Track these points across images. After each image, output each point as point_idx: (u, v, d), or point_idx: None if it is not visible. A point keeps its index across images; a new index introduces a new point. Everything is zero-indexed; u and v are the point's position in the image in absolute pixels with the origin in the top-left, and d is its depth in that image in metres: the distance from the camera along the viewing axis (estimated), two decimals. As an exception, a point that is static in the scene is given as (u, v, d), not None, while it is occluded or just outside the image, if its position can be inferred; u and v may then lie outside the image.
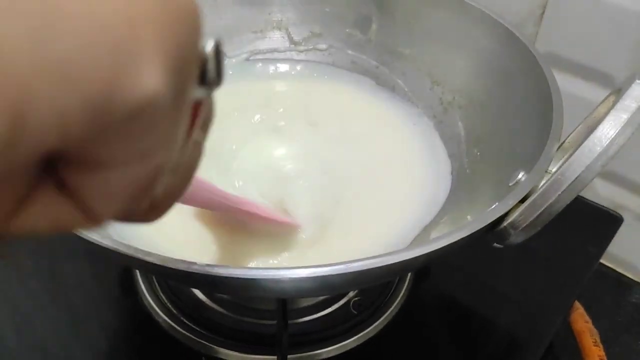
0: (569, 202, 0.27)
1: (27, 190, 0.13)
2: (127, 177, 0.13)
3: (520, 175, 0.32)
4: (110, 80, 0.11)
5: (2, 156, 0.11)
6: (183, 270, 0.24)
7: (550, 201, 0.27)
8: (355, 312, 0.40)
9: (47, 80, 0.11)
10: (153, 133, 0.13)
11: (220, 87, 0.15)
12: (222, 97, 0.18)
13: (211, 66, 0.15)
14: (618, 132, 0.27)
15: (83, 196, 0.13)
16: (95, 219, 0.14)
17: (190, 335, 0.38)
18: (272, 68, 0.49)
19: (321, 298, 0.40)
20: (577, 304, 0.45)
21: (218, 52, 0.15)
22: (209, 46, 0.14)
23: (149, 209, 0.16)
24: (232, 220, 0.36)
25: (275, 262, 0.35)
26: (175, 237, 0.36)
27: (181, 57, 0.13)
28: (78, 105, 0.11)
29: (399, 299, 0.41)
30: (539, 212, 0.27)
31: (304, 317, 0.40)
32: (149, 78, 0.12)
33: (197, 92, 0.15)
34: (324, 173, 0.41)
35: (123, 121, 0.12)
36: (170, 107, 0.13)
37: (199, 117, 0.16)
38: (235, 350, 0.38)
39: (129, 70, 0.11)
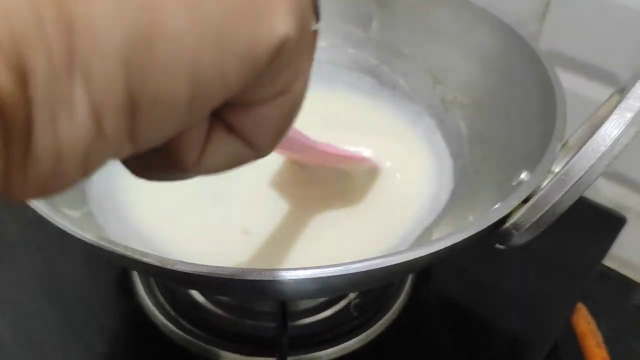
0: (572, 202, 0.27)
1: (206, 135, 0.16)
2: (276, 110, 0.16)
3: (523, 175, 0.31)
4: (252, 34, 0.13)
5: (187, 114, 0.13)
6: (181, 272, 0.24)
7: (554, 201, 0.27)
8: (356, 314, 0.40)
9: (208, 47, 0.12)
10: (289, 69, 0.15)
11: (320, 21, 0.17)
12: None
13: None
14: (622, 131, 0.26)
15: (246, 132, 0.16)
16: (258, 149, 0.17)
17: (189, 338, 0.38)
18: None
19: (321, 300, 0.40)
20: (580, 305, 0.44)
21: None
22: None
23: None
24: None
25: (271, 262, 0.35)
26: (174, 238, 0.36)
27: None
28: (234, 62, 0.13)
29: (399, 300, 0.41)
30: (542, 212, 0.27)
31: (303, 319, 0.39)
32: (280, 24, 0.14)
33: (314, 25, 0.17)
34: (322, 172, 0.40)
35: (265, 65, 0.14)
36: (299, 44, 0.15)
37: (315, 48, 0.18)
38: (235, 353, 0.37)
39: (263, 21, 0.13)
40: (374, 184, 0.40)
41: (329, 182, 0.40)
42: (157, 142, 0.14)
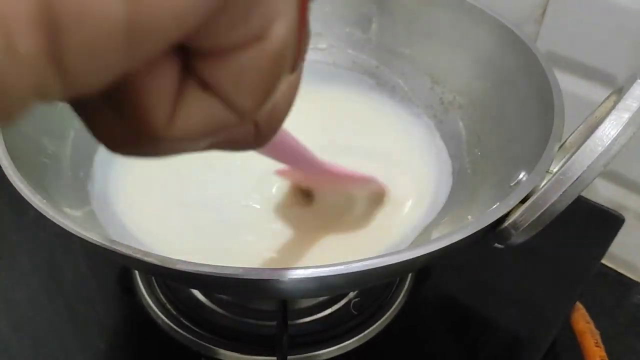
0: (570, 202, 0.27)
1: (176, 88, 0.14)
2: (253, 59, 0.14)
3: (521, 175, 0.31)
4: None
5: (129, 46, 0.11)
6: (182, 271, 0.24)
7: (552, 201, 0.27)
8: (356, 313, 0.40)
9: None
10: (261, 6, 0.13)
11: None
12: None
13: None
14: (619, 131, 0.26)
15: (222, 88, 0.14)
16: (239, 110, 0.15)
17: (190, 336, 0.38)
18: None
19: (321, 299, 0.40)
20: (579, 305, 0.44)
21: None
22: None
23: (256, 134, 0.16)
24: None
25: (271, 262, 0.35)
26: (174, 237, 0.36)
27: None
28: None
29: (399, 299, 0.41)
30: (541, 212, 0.27)
31: (304, 318, 0.39)
32: None
33: None
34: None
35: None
36: None
37: (305, 20, 0.15)
38: (235, 351, 0.37)
39: None
40: (378, 207, 0.39)
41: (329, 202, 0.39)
42: (96, 80, 0.12)
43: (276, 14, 0.13)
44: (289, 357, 0.36)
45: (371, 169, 0.41)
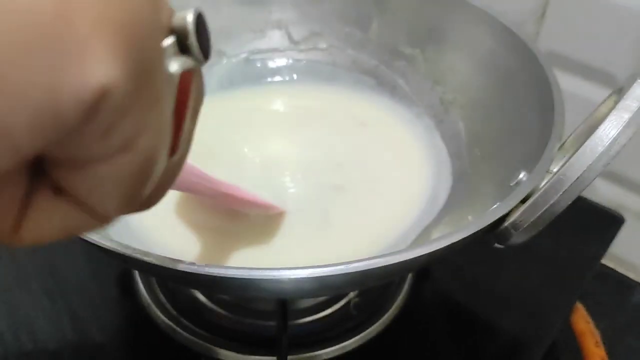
0: (570, 202, 0.27)
1: (22, 198, 0.13)
2: (117, 170, 0.13)
3: (521, 175, 0.31)
4: (52, 81, 0.10)
5: None
6: (182, 271, 0.24)
7: (552, 201, 0.27)
8: (355, 313, 0.40)
9: None
10: (125, 122, 0.12)
11: (206, 61, 0.14)
12: (220, 97, 0.18)
13: (192, 40, 0.14)
14: (620, 131, 0.26)
15: (80, 195, 0.13)
16: (101, 217, 0.14)
17: (190, 337, 0.38)
18: (271, 67, 0.49)
19: (321, 299, 0.40)
20: (579, 305, 0.44)
21: (200, 23, 0.14)
22: (189, 18, 0.13)
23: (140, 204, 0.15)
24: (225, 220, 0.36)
25: (272, 262, 0.35)
26: (173, 238, 0.36)
27: (135, 35, 0.11)
28: (24, 119, 0.10)
29: (399, 300, 0.41)
30: (541, 212, 0.27)
31: (303, 318, 0.39)
32: (98, 69, 0.10)
33: (174, 66, 0.13)
34: (323, 173, 0.41)
35: (81, 120, 0.11)
36: (136, 91, 0.12)
37: (190, 98, 0.15)
38: (235, 352, 0.37)
39: (70, 65, 0.10)
40: (374, 184, 0.40)
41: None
42: None
43: (141, 126, 0.12)
44: (289, 357, 0.36)
45: (371, 168, 0.41)
